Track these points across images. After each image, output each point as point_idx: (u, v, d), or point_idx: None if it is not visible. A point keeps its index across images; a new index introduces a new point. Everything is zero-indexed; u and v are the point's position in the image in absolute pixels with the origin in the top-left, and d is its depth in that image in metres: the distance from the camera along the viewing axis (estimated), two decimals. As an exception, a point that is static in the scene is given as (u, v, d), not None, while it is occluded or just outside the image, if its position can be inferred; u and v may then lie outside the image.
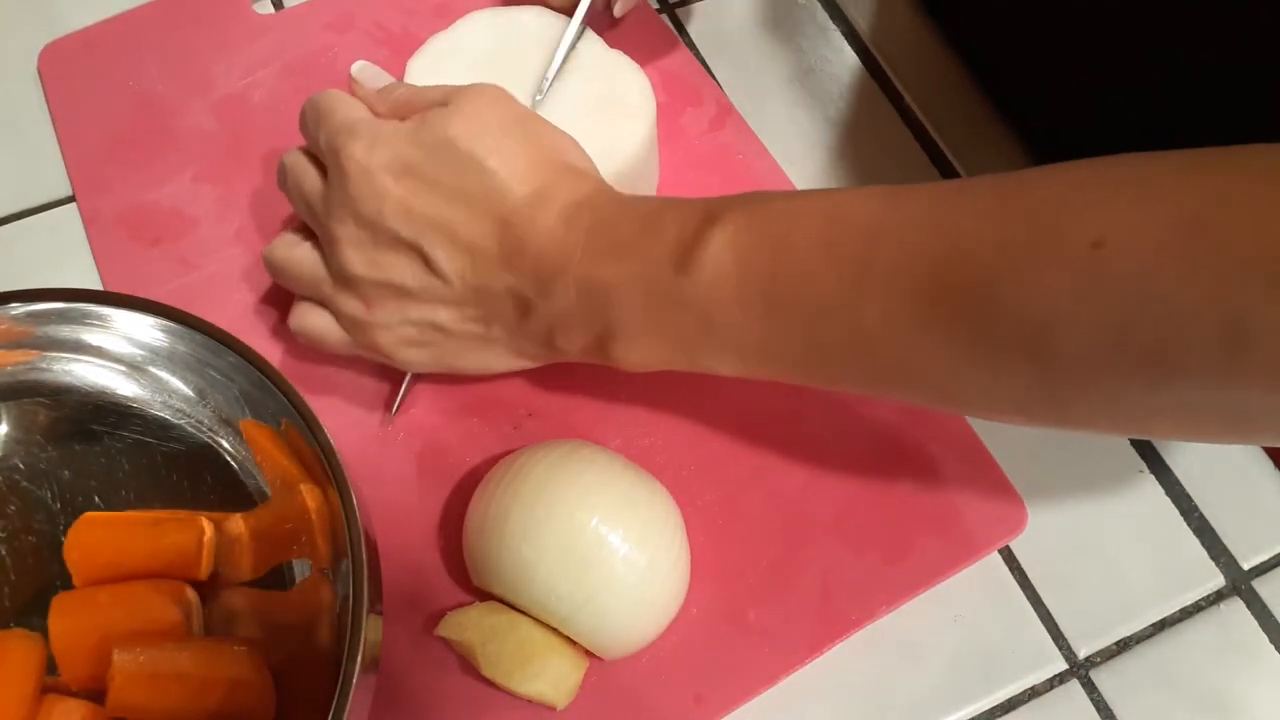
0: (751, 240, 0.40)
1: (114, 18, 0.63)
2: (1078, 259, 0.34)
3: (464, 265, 0.44)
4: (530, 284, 0.44)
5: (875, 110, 0.62)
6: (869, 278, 0.38)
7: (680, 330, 0.42)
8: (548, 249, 0.43)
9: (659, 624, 0.45)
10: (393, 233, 0.44)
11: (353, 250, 0.45)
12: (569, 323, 0.44)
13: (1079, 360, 0.34)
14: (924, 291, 0.37)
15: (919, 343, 0.38)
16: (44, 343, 0.47)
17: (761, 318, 0.41)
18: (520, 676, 0.43)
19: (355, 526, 0.40)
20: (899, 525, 0.49)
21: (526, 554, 0.43)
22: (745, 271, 0.40)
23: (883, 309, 0.38)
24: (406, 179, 0.44)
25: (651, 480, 0.47)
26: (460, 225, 0.44)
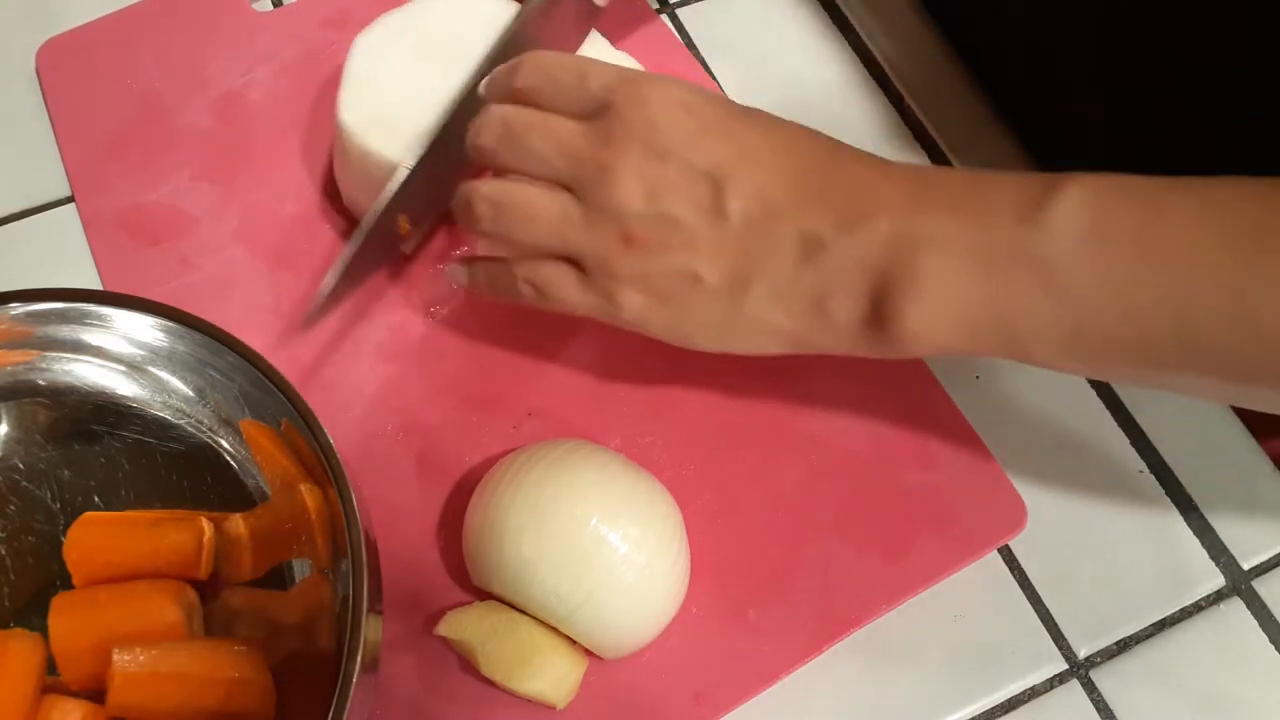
0: (1115, 200, 0.38)
1: (111, 15, 0.63)
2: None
3: (754, 203, 0.42)
4: (830, 225, 0.41)
5: (875, 110, 0.63)
6: (1264, 260, 0.36)
7: (1011, 289, 0.39)
8: (861, 193, 0.41)
9: (658, 623, 0.45)
10: (687, 160, 0.42)
11: (633, 179, 0.42)
12: (858, 276, 0.41)
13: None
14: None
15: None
16: (44, 343, 0.47)
17: (1123, 292, 0.37)
18: (520, 676, 0.43)
19: (355, 526, 0.40)
20: (899, 525, 0.50)
21: (526, 553, 0.43)
22: (1105, 234, 0.37)
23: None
24: (705, 113, 0.43)
25: (651, 480, 0.47)
26: (763, 159, 0.42)
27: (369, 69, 0.53)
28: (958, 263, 0.39)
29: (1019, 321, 0.39)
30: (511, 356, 0.53)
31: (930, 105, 0.63)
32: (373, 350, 0.53)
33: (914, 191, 0.41)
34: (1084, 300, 0.38)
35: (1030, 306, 0.39)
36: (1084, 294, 0.38)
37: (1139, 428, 0.53)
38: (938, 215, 0.40)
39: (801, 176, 0.42)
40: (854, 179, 0.42)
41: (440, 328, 0.54)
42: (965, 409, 0.52)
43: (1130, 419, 0.54)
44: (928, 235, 0.40)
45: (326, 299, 0.49)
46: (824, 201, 0.41)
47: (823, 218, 0.41)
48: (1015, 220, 0.39)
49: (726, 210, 0.42)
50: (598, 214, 0.43)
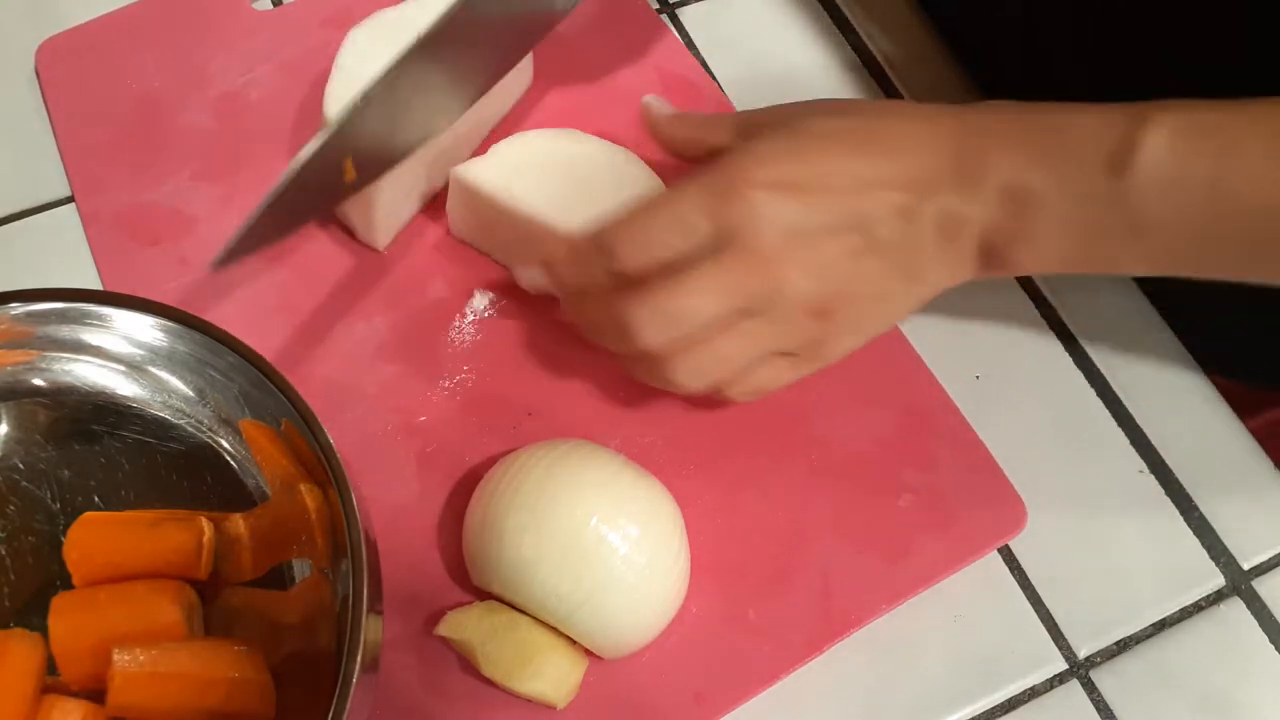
0: (1190, 145, 0.42)
1: (111, 14, 0.63)
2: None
3: (893, 219, 0.44)
4: (954, 201, 0.45)
5: (876, 109, 0.62)
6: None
7: (1103, 231, 0.44)
8: (960, 158, 0.45)
9: (659, 623, 0.46)
10: (825, 228, 0.44)
11: (799, 277, 0.44)
12: (983, 236, 0.45)
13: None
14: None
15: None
16: (44, 343, 0.47)
17: (1201, 219, 0.42)
18: (520, 676, 0.43)
19: (355, 526, 0.40)
20: (899, 524, 0.50)
21: (526, 553, 0.43)
22: (1185, 175, 0.42)
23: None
24: (803, 177, 0.44)
25: (651, 479, 0.47)
26: (876, 176, 0.45)
27: (359, 65, 0.53)
28: (1058, 221, 0.44)
29: (1110, 255, 0.45)
30: (512, 357, 0.53)
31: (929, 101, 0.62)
32: (373, 350, 0.53)
33: (1013, 139, 0.44)
34: (1166, 237, 0.44)
35: (1119, 245, 0.44)
36: (1167, 233, 0.43)
37: (1139, 428, 0.54)
38: (1040, 169, 0.44)
39: (907, 169, 0.45)
40: (946, 146, 0.45)
41: (441, 327, 0.54)
42: (965, 409, 0.52)
43: (1130, 419, 0.54)
44: (1033, 190, 0.44)
45: (243, 236, 0.45)
46: (939, 181, 0.45)
47: (947, 195, 0.45)
48: (1104, 172, 0.43)
49: (880, 240, 0.45)
50: (784, 315, 0.45)
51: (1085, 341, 0.56)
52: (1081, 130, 0.44)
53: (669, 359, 0.45)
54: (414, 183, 0.55)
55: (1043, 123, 0.45)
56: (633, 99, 0.57)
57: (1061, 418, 0.54)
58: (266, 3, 0.64)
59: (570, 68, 0.61)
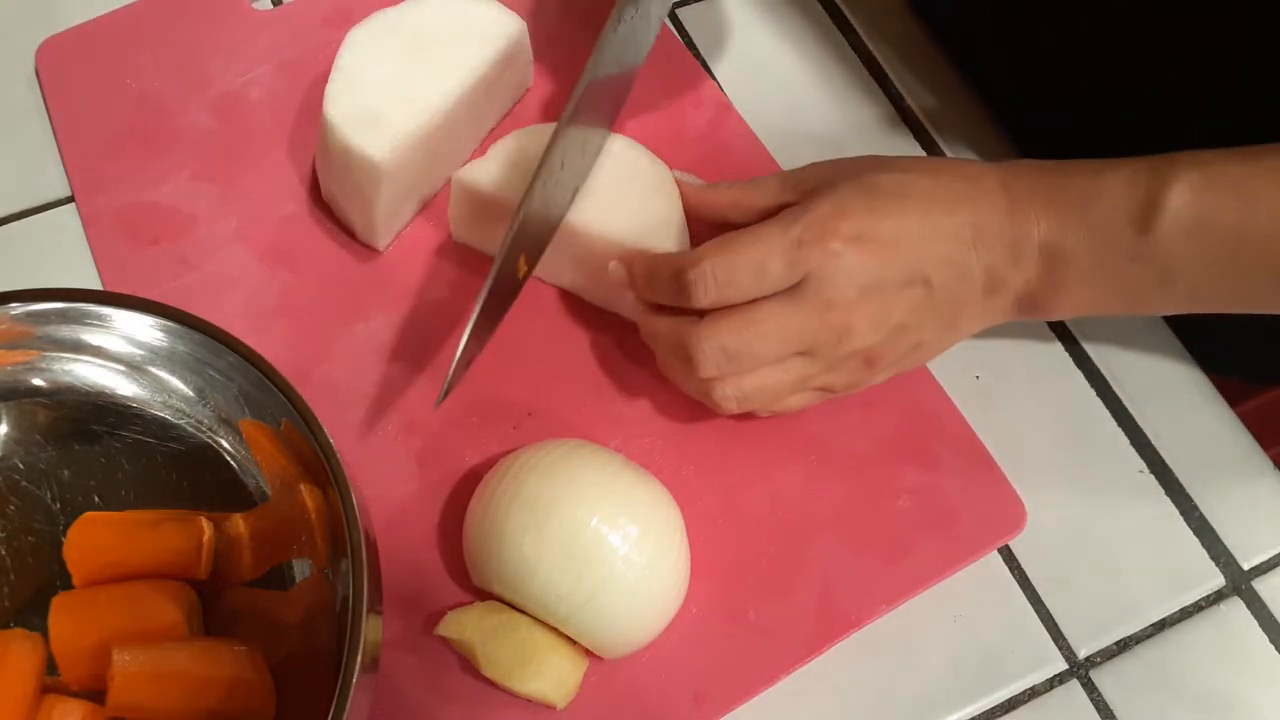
0: (1213, 201, 0.45)
1: (111, 14, 0.63)
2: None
3: (947, 272, 0.47)
4: (1002, 259, 0.47)
5: (875, 110, 0.63)
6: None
7: (1133, 283, 0.47)
8: (1005, 220, 0.47)
9: (659, 623, 0.46)
10: (892, 282, 0.46)
11: (863, 324, 0.46)
12: (1024, 291, 0.48)
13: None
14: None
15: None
16: (44, 343, 0.47)
17: (1226, 270, 0.45)
18: (520, 676, 0.43)
19: (355, 526, 0.40)
20: (899, 525, 0.50)
21: (526, 553, 0.43)
22: (1209, 229, 0.45)
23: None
24: (872, 231, 0.46)
25: (651, 480, 0.47)
26: (938, 232, 0.47)
27: (359, 65, 0.53)
28: (1090, 273, 0.47)
29: (1139, 301, 0.48)
30: (512, 356, 0.53)
31: (930, 105, 0.63)
32: (373, 350, 0.53)
33: (1046, 201, 0.47)
34: (1192, 284, 0.46)
35: (1150, 292, 0.47)
36: (1192, 280, 0.46)
37: (1139, 428, 0.54)
38: (1074, 230, 0.46)
39: (963, 228, 0.47)
40: (995, 210, 0.47)
41: (441, 328, 0.54)
42: (965, 409, 0.52)
43: (1130, 419, 0.54)
44: (1068, 250, 0.47)
45: (459, 364, 0.47)
46: (989, 241, 0.47)
47: (994, 254, 0.47)
48: (1132, 230, 0.45)
49: (935, 294, 0.47)
50: (840, 363, 0.48)
51: (1085, 341, 0.56)
52: (1108, 190, 0.46)
53: (719, 382, 0.48)
54: (414, 186, 0.55)
55: (1072, 184, 0.47)
56: (631, 98, 0.57)
57: (1061, 418, 0.54)
58: (266, 3, 0.64)
59: (569, 68, 0.61)
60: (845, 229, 0.46)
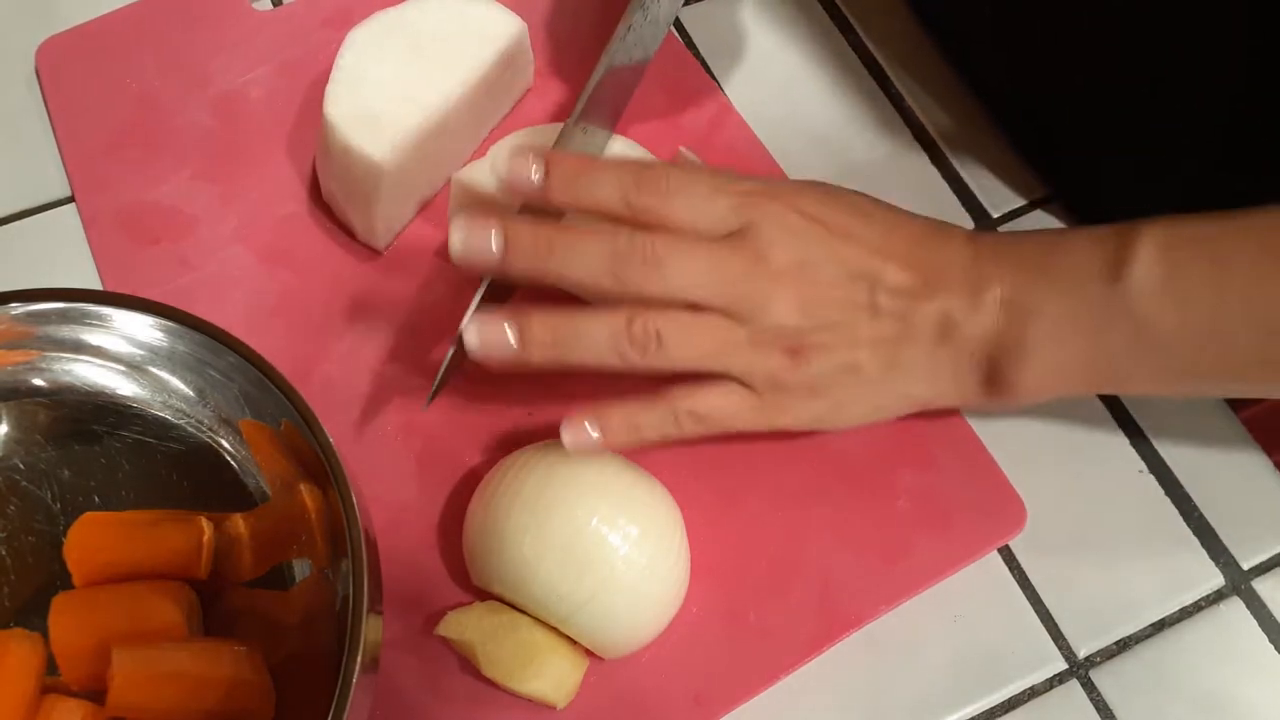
0: (1183, 254, 0.43)
1: (111, 14, 0.63)
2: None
3: (899, 295, 0.45)
4: (960, 303, 0.45)
5: (875, 110, 0.63)
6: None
7: (1107, 345, 0.44)
8: (966, 268, 0.46)
9: (659, 623, 0.46)
10: (834, 267, 0.45)
11: (791, 296, 0.44)
12: (980, 347, 0.46)
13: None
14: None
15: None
16: (44, 343, 0.47)
17: (1200, 327, 0.43)
18: (520, 676, 0.43)
19: (355, 526, 0.40)
20: (899, 525, 0.50)
21: (527, 553, 0.43)
22: (1180, 285, 0.43)
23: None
24: (828, 218, 0.45)
25: (651, 480, 0.47)
26: (891, 251, 0.45)
27: (359, 65, 0.53)
28: (1057, 329, 0.45)
29: (1112, 369, 0.45)
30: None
31: (930, 105, 0.63)
32: (373, 350, 0.53)
33: (1010, 260, 0.46)
34: (1167, 344, 0.44)
35: (1121, 356, 0.45)
36: (1167, 340, 0.44)
37: (1139, 428, 0.54)
38: (1041, 284, 0.45)
39: (922, 262, 0.46)
40: (958, 256, 0.46)
41: (441, 328, 0.54)
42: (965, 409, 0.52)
43: (1130, 419, 0.54)
44: (1034, 304, 0.45)
45: (446, 368, 0.48)
46: (947, 284, 0.46)
47: (952, 298, 0.45)
48: (1102, 283, 0.44)
49: (879, 306, 0.45)
50: (760, 334, 0.44)
51: (1085, 341, 0.56)
52: (1075, 247, 0.45)
53: (636, 315, 0.44)
54: (414, 186, 0.55)
55: (1039, 243, 0.46)
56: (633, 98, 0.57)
57: (1061, 418, 0.54)
58: (267, 3, 0.64)
59: (570, 68, 0.61)
60: (800, 203, 0.45)
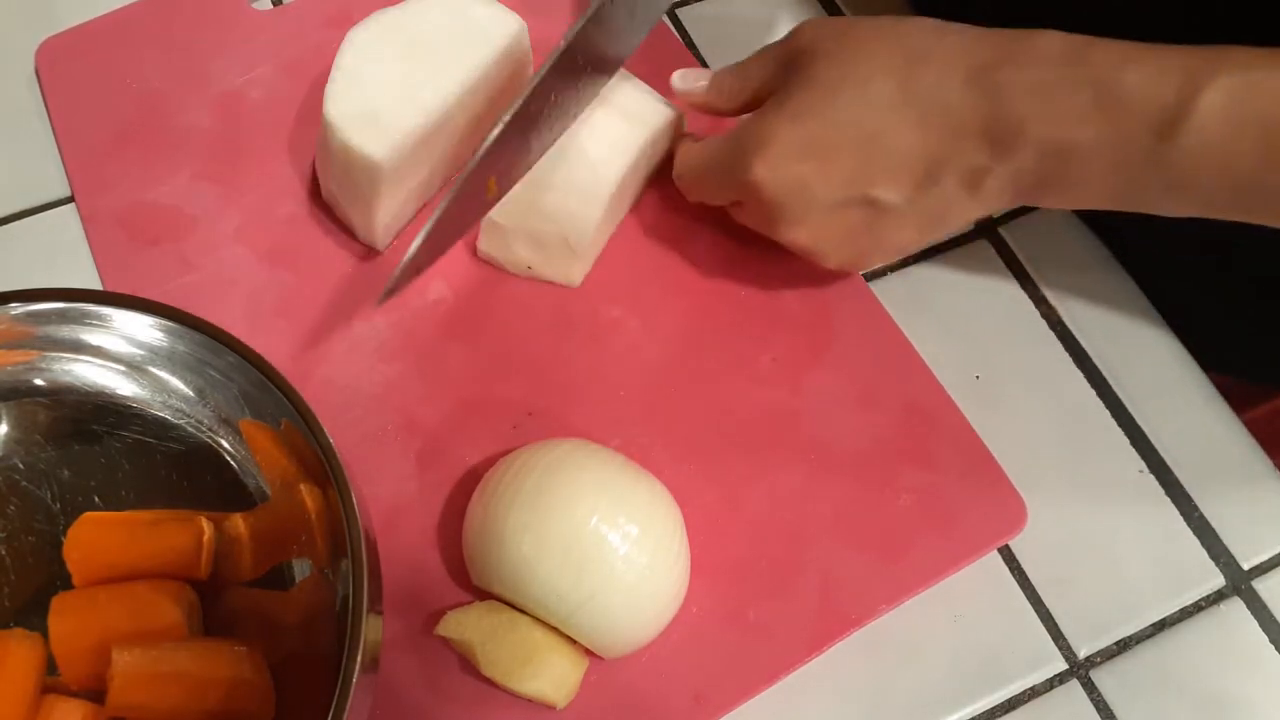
0: (1245, 110, 0.41)
1: (111, 14, 0.63)
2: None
3: (903, 183, 0.47)
4: (987, 156, 0.46)
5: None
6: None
7: (1144, 188, 0.44)
8: (1008, 110, 0.45)
9: (659, 623, 0.46)
10: (839, 208, 0.49)
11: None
12: (1014, 183, 0.46)
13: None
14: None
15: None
16: (44, 343, 0.47)
17: (1242, 184, 0.42)
18: (520, 676, 0.43)
19: (355, 526, 0.40)
20: (899, 524, 0.50)
21: (526, 553, 0.43)
22: (1234, 142, 0.42)
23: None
24: (819, 149, 0.48)
25: (651, 479, 0.47)
26: (876, 156, 0.47)
27: (359, 65, 0.53)
28: (1100, 172, 0.45)
29: (1145, 203, 0.46)
30: (511, 356, 0.53)
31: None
32: (373, 350, 0.53)
33: (1055, 91, 0.44)
34: (1203, 192, 0.44)
35: (1156, 197, 0.45)
36: (1204, 189, 0.43)
37: (1139, 428, 0.54)
38: (1089, 124, 0.44)
39: (936, 143, 0.46)
40: (999, 95, 0.45)
41: (441, 328, 0.54)
42: (965, 409, 0.52)
43: (1130, 419, 0.54)
44: (1077, 144, 0.44)
45: (409, 263, 0.46)
46: (977, 132, 0.46)
47: (980, 150, 0.46)
48: (1154, 133, 0.43)
49: (886, 204, 0.48)
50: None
51: (1085, 341, 0.56)
52: (1134, 86, 0.43)
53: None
54: (414, 186, 0.55)
55: (1094, 77, 0.44)
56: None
57: (1061, 418, 0.54)
58: (266, 3, 0.64)
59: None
60: (792, 152, 0.48)
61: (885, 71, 0.47)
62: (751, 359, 0.53)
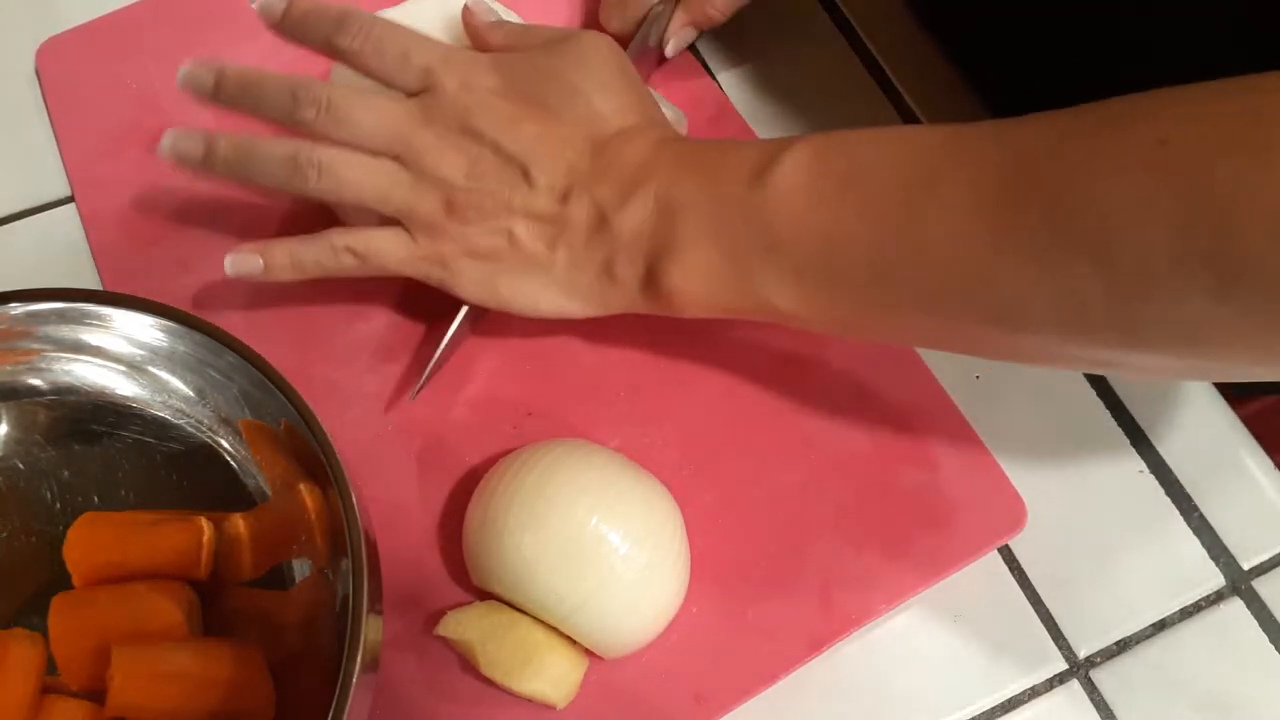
0: (826, 161, 0.43)
1: (111, 14, 0.63)
2: (1144, 158, 0.35)
3: (557, 178, 0.47)
4: (612, 197, 0.46)
5: (875, 111, 0.63)
6: (936, 189, 0.40)
7: (743, 245, 0.44)
8: (635, 165, 0.46)
9: (658, 623, 0.46)
10: (497, 144, 0.47)
11: (453, 156, 0.47)
12: (634, 243, 0.46)
13: (1146, 264, 0.35)
14: (990, 201, 0.38)
15: (985, 255, 0.39)
16: (44, 343, 0.47)
17: (827, 233, 0.42)
18: (520, 675, 0.44)
19: (355, 526, 0.40)
20: (898, 523, 0.50)
21: (526, 553, 0.44)
22: (815, 187, 0.42)
23: (949, 221, 0.39)
24: (516, 99, 0.48)
25: (651, 479, 0.47)
26: (562, 142, 0.47)
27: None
28: (703, 226, 0.45)
29: (751, 274, 0.44)
30: (511, 356, 0.53)
31: (930, 105, 0.63)
32: (372, 350, 0.54)
33: (678, 161, 0.46)
34: (798, 250, 0.43)
35: (762, 259, 0.44)
36: (798, 245, 0.43)
37: (1139, 428, 0.54)
38: (693, 182, 0.45)
39: (594, 153, 0.47)
40: (634, 154, 0.47)
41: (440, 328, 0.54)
42: (965, 409, 0.52)
43: (1130, 419, 0.54)
44: (683, 202, 0.45)
45: (435, 365, 0.51)
46: (609, 174, 0.47)
47: (607, 190, 0.46)
48: (746, 184, 0.44)
49: (535, 184, 0.47)
50: (421, 180, 0.48)
51: (1085, 341, 0.56)
52: (742, 152, 0.45)
53: (313, 144, 0.48)
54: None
55: (718, 146, 0.47)
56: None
57: (1061, 418, 0.54)
58: None
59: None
60: (485, 80, 0.48)
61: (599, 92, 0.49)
62: (750, 359, 0.53)
